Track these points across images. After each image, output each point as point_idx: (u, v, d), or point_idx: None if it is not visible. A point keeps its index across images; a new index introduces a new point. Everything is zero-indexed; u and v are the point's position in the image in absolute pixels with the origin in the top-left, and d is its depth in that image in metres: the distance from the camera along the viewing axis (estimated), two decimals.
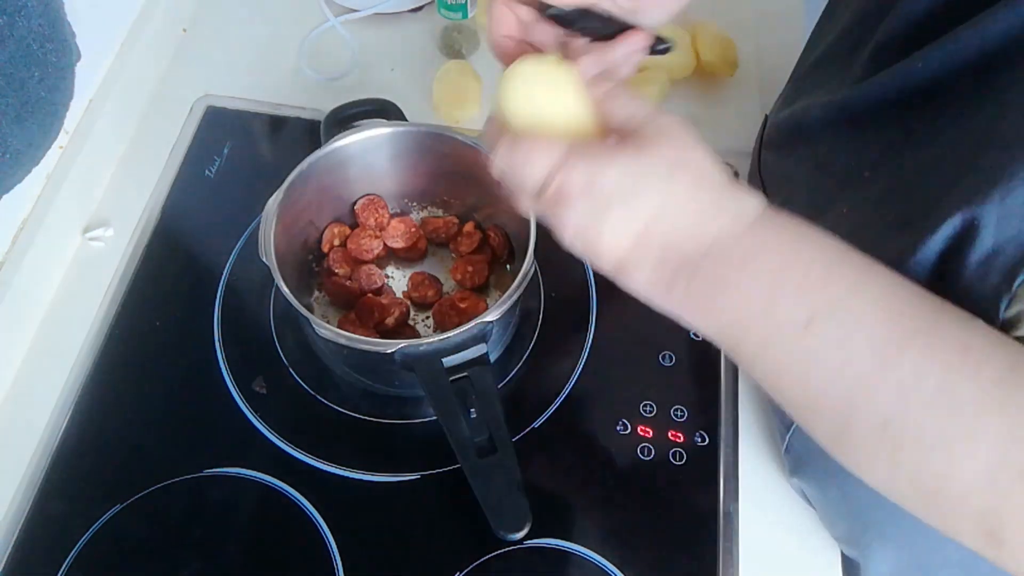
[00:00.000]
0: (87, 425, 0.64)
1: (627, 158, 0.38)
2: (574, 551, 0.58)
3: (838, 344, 0.36)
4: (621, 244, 0.39)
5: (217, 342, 0.67)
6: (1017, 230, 0.35)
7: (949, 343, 0.34)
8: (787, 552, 0.59)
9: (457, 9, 0.80)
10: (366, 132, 0.66)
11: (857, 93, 0.47)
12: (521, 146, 0.40)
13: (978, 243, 0.36)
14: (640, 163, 0.38)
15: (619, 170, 0.38)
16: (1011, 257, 0.35)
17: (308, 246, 0.69)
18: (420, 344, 0.55)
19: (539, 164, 0.39)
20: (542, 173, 0.39)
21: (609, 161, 0.38)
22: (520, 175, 0.40)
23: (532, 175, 0.40)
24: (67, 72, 0.62)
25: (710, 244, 0.38)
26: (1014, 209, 0.35)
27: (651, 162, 0.38)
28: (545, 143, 0.40)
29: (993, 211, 0.35)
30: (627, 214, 0.38)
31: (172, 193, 0.76)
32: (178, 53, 0.87)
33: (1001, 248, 0.35)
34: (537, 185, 0.40)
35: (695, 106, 0.81)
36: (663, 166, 0.38)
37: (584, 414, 0.64)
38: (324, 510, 0.60)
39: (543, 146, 0.40)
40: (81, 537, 0.59)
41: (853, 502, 0.53)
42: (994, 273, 0.36)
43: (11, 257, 0.67)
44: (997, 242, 0.35)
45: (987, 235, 0.36)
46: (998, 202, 0.35)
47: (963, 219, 0.36)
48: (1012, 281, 0.35)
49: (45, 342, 0.68)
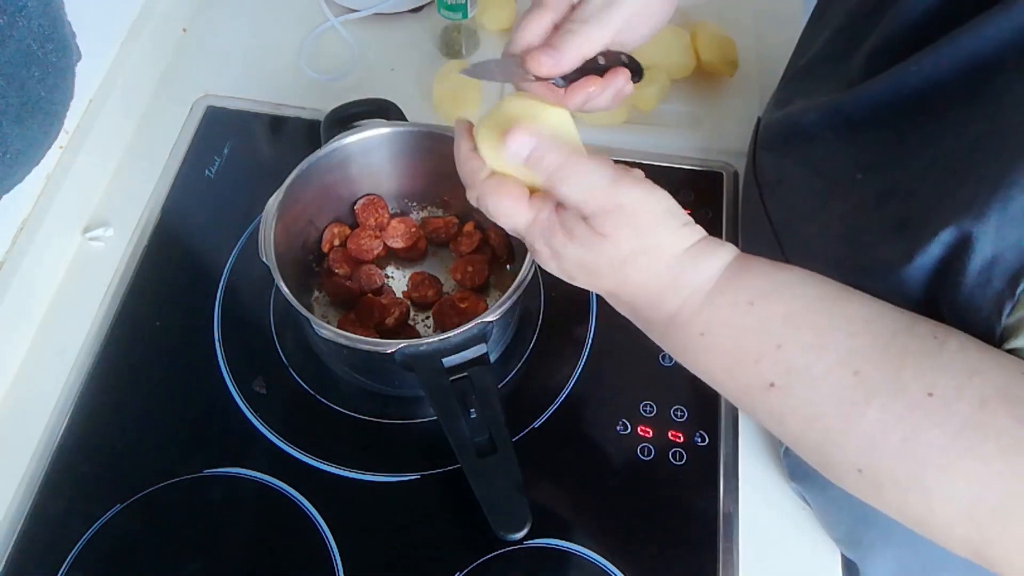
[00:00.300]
0: (87, 425, 0.64)
1: (580, 246, 0.40)
2: (574, 551, 0.58)
3: (805, 403, 0.37)
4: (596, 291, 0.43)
5: (217, 342, 0.67)
6: (1018, 236, 0.35)
7: (912, 394, 0.35)
8: (787, 552, 0.59)
9: (457, 9, 0.80)
10: (366, 132, 0.66)
11: (852, 97, 0.47)
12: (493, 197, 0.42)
13: (977, 250, 0.36)
14: (593, 253, 0.40)
15: (577, 255, 0.41)
16: (1013, 263, 0.35)
17: (308, 246, 0.69)
18: (420, 344, 0.55)
19: (510, 220, 0.42)
20: (512, 227, 0.43)
21: (569, 241, 0.41)
22: (493, 217, 0.43)
23: (504, 224, 0.43)
24: (67, 72, 0.62)
25: (672, 315, 0.41)
26: (1015, 216, 0.35)
27: (604, 256, 0.40)
28: (512, 206, 0.42)
29: (993, 219, 0.35)
30: (591, 284, 0.42)
31: (172, 193, 0.76)
32: (178, 53, 0.87)
33: (1002, 254, 0.35)
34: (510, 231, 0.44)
35: (695, 106, 0.81)
36: (616, 261, 0.40)
37: (584, 414, 0.64)
38: (324, 510, 0.60)
39: (511, 209, 0.42)
40: (81, 537, 0.59)
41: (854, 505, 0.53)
42: (996, 279, 0.36)
43: (11, 257, 0.67)
44: (998, 249, 0.36)
45: (987, 243, 0.36)
46: (999, 210, 0.35)
47: (961, 228, 0.37)
48: (1015, 287, 0.35)
49: (45, 342, 0.68)
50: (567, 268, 0.42)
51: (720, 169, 0.76)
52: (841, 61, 0.51)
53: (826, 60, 0.54)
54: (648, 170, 0.75)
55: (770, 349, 0.38)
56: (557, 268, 0.43)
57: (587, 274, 0.42)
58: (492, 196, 0.42)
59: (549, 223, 0.41)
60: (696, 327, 0.40)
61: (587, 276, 0.42)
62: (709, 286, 0.40)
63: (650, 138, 0.79)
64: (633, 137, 0.78)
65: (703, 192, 0.75)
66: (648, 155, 0.77)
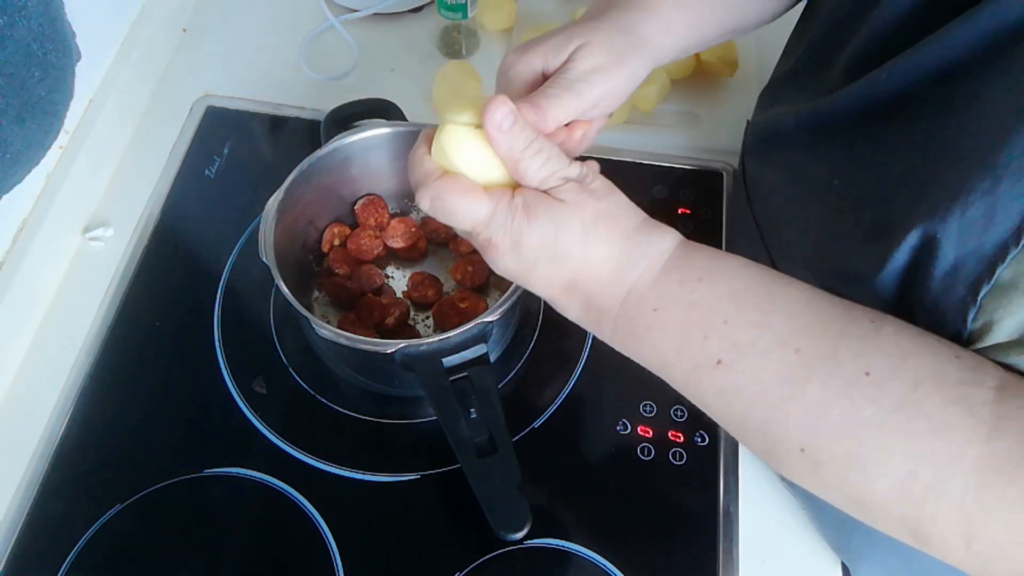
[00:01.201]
0: (87, 425, 0.64)
1: (547, 219, 0.41)
2: (574, 551, 0.58)
3: (750, 380, 0.38)
4: (551, 290, 0.43)
5: (217, 342, 0.67)
6: (978, 243, 0.35)
7: (849, 372, 0.36)
8: (787, 552, 0.59)
9: (457, 9, 0.80)
10: (366, 132, 0.66)
11: (829, 103, 0.48)
12: (449, 195, 0.42)
13: (940, 256, 0.37)
14: (560, 224, 0.41)
15: (540, 234, 0.41)
16: (973, 269, 0.36)
17: (308, 246, 0.69)
18: (420, 344, 0.55)
19: (467, 216, 0.42)
20: (470, 224, 0.42)
21: (529, 224, 0.41)
22: (446, 220, 0.43)
23: (460, 223, 0.43)
24: (67, 72, 0.62)
25: (627, 292, 0.42)
26: (974, 222, 0.35)
27: (568, 225, 0.41)
28: (471, 199, 0.42)
29: (954, 225, 0.36)
30: (551, 271, 0.42)
31: (172, 193, 0.76)
32: (178, 53, 0.87)
33: (963, 261, 0.36)
34: (465, 232, 0.43)
35: (695, 106, 0.81)
36: (578, 228, 0.41)
37: (584, 414, 0.64)
38: (324, 510, 0.60)
39: (469, 202, 0.42)
40: (81, 537, 0.59)
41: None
42: (960, 285, 0.37)
43: (11, 257, 0.67)
44: (959, 255, 0.36)
45: (949, 249, 0.36)
46: (958, 216, 0.36)
47: (924, 233, 0.37)
48: (977, 293, 0.36)
49: (45, 342, 0.68)
50: (528, 257, 0.42)
51: (720, 169, 0.76)
52: (821, 68, 0.51)
53: (807, 66, 0.55)
54: (648, 170, 0.77)
55: (717, 324, 0.39)
56: (517, 261, 0.42)
57: (549, 258, 0.41)
58: (449, 192, 0.42)
59: (510, 208, 0.41)
60: (650, 303, 0.41)
61: (548, 262, 0.42)
62: (661, 262, 0.42)
63: (650, 138, 0.79)
64: (633, 137, 0.78)
65: (703, 192, 0.75)
66: (648, 155, 0.77)
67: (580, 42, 0.47)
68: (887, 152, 0.43)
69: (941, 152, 0.38)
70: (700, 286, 0.41)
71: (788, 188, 0.54)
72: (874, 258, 0.40)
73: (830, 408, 0.36)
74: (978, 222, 0.35)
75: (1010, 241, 0.34)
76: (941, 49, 0.39)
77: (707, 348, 0.39)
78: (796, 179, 0.53)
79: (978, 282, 0.36)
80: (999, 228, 0.35)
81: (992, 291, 0.36)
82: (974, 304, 0.36)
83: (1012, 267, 0.35)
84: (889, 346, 0.37)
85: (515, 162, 0.42)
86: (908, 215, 0.38)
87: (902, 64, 0.41)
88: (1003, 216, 0.34)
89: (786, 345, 0.38)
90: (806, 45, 0.55)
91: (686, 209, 0.74)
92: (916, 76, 0.41)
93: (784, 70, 0.59)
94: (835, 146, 0.48)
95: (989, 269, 0.35)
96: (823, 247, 0.47)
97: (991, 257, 0.35)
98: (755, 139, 0.61)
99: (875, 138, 0.44)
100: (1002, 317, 0.36)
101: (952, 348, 0.37)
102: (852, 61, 0.47)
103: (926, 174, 0.39)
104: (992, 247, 0.35)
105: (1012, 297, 0.35)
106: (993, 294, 0.36)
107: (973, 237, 0.35)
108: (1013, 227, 0.34)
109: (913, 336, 0.37)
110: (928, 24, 0.40)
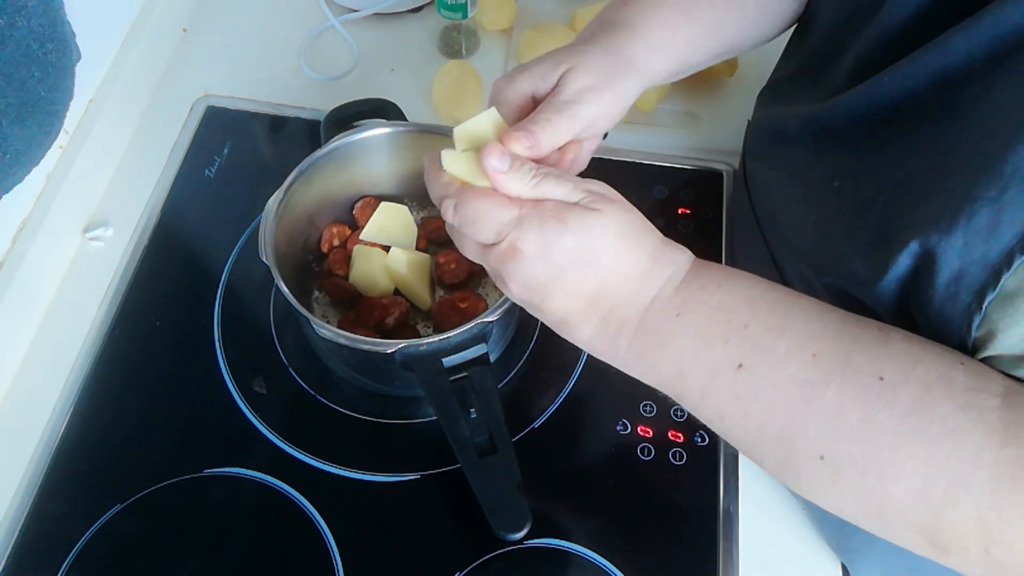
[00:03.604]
0: (87, 425, 0.64)
1: (581, 225, 0.41)
2: (574, 551, 0.58)
3: (769, 384, 0.38)
4: (571, 303, 0.42)
5: (217, 342, 0.67)
6: (983, 251, 0.35)
7: (864, 376, 0.37)
8: (787, 552, 0.59)
9: (457, 9, 0.80)
10: (366, 132, 0.66)
11: (831, 106, 0.48)
12: (474, 200, 0.41)
13: (944, 264, 0.37)
14: (594, 232, 0.41)
15: (574, 239, 0.40)
16: (978, 277, 0.36)
17: (308, 246, 0.69)
18: (420, 344, 0.55)
19: (493, 220, 0.41)
20: (495, 229, 0.41)
21: (564, 228, 0.40)
22: (471, 228, 0.42)
23: (485, 229, 0.42)
24: (67, 72, 0.62)
25: (649, 303, 0.42)
26: (979, 230, 0.35)
27: (602, 232, 0.41)
28: (496, 202, 0.41)
29: (959, 232, 0.36)
30: (581, 278, 0.41)
31: (172, 193, 0.76)
32: (178, 53, 0.87)
33: (968, 268, 0.36)
34: (489, 240, 0.42)
35: (695, 106, 0.81)
36: (612, 236, 0.41)
37: (584, 414, 0.64)
38: (324, 510, 0.60)
39: (498, 203, 0.41)
40: (81, 537, 0.59)
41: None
42: (964, 293, 0.36)
43: (11, 257, 0.67)
44: (964, 263, 0.36)
45: (953, 256, 0.36)
46: (964, 224, 0.36)
47: (927, 241, 0.37)
48: (982, 300, 0.36)
49: (45, 342, 0.68)
50: (558, 263, 0.41)
51: (720, 169, 0.76)
52: (823, 71, 0.51)
53: (808, 69, 0.55)
54: (648, 170, 0.77)
55: (738, 327, 0.40)
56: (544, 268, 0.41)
57: (581, 265, 0.41)
58: (473, 198, 0.41)
59: (541, 213, 0.41)
60: (673, 308, 0.41)
61: (579, 270, 0.41)
62: (682, 274, 0.42)
63: (650, 138, 0.79)
64: (633, 137, 0.78)
65: (703, 192, 0.75)
66: (648, 155, 0.77)
67: (568, 65, 0.48)
68: (889, 156, 0.43)
69: (943, 158, 0.38)
70: (720, 291, 0.41)
71: (789, 188, 0.54)
72: (875, 264, 0.40)
73: (848, 412, 0.36)
74: (983, 230, 0.35)
75: (1016, 249, 0.34)
76: (944, 55, 0.39)
77: (728, 352, 0.39)
78: (797, 179, 0.53)
79: (983, 290, 0.36)
80: (1004, 236, 0.34)
81: (997, 300, 0.35)
82: (979, 312, 0.36)
83: (1018, 275, 0.35)
84: (900, 352, 0.37)
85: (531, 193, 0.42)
86: (910, 221, 0.38)
87: (904, 69, 0.41)
88: (1009, 224, 0.34)
89: (804, 349, 0.38)
90: (807, 48, 0.55)
91: (686, 209, 0.74)
92: (918, 81, 0.41)
93: (785, 72, 0.59)
94: (836, 148, 0.48)
95: (994, 277, 0.35)
96: (824, 249, 0.47)
97: (996, 265, 0.35)
98: (756, 139, 0.61)
99: (876, 142, 0.44)
100: (1007, 326, 0.35)
101: (957, 355, 0.37)
102: (855, 65, 0.47)
103: (928, 180, 0.39)
104: (997, 255, 0.35)
105: (1018, 306, 0.35)
106: (998, 303, 0.36)
107: (978, 245, 0.35)
108: (1019, 235, 0.34)
109: (920, 343, 0.38)
110: (931, 30, 0.39)
